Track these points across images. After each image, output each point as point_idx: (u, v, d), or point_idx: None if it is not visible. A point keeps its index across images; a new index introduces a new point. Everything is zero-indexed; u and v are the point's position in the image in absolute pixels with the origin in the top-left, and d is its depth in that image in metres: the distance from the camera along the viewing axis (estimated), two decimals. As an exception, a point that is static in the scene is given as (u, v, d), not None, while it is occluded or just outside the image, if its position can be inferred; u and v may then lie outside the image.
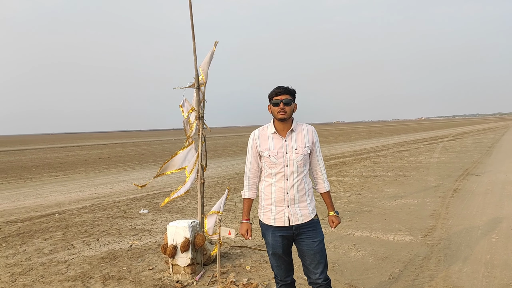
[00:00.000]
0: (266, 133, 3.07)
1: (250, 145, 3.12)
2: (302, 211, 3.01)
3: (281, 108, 2.95)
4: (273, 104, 3.00)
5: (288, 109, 2.96)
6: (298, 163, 2.97)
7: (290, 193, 2.98)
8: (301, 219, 3.00)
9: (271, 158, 2.99)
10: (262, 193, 3.12)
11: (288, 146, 2.99)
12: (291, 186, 2.97)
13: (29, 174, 18.15)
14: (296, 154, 2.98)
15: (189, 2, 5.01)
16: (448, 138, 33.06)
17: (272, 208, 3.03)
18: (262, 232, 3.16)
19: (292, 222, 2.99)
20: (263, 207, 3.10)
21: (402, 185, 10.70)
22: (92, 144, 53.39)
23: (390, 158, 18.24)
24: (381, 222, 6.99)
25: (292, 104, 3.00)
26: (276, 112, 2.97)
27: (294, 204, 3.00)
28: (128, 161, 23.40)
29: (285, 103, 2.96)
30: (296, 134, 3.03)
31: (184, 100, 5.12)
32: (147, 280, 4.69)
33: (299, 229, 3.02)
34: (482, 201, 8.25)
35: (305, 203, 3.02)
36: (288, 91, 2.99)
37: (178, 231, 4.66)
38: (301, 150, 2.99)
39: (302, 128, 3.07)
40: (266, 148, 3.02)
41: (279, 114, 2.95)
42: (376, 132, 56.53)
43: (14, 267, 5.35)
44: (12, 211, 9.43)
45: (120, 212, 8.79)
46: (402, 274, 4.64)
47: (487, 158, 16.34)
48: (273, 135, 3.03)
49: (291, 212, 2.99)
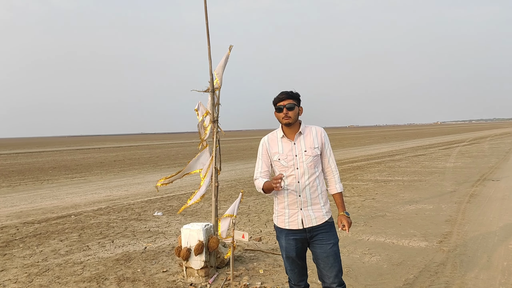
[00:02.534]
0: (275, 138, 3.10)
1: (260, 150, 3.15)
2: (315, 213, 3.00)
3: (285, 113, 2.98)
4: (277, 110, 3.03)
5: (292, 113, 2.98)
6: (308, 164, 2.98)
7: (302, 195, 2.98)
8: (315, 221, 3.00)
9: (281, 161, 3.01)
10: (275, 197, 3.12)
11: (297, 148, 3.01)
12: (303, 188, 2.98)
13: (46, 176, 18.43)
14: (305, 156, 2.99)
15: (204, 7, 5.06)
16: (465, 142, 32.61)
17: (285, 212, 3.04)
18: (277, 236, 3.17)
19: (306, 224, 2.99)
20: (277, 211, 3.11)
21: (417, 190, 10.59)
22: (108, 146, 53.96)
23: (405, 163, 18.06)
24: (395, 227, 6.93)
25: (296, 108, 3.01)
26: (281, 118, 3.01)
27: (307, 207, 2.99)
28: (143, 164, 23.59)
29: (288, 108, 2.98)
30: (304, 136, 3.04)
31: (199, 104, 5.17)
32: (161, 282, 4.72)
33: (312, 231, 3.01)
34: (499, 207, 8.11)
35: (318, 205, 3.01)
36: (291, 96, 3.01)
37: (192, 233, 4.68)
38: (310, 152, 3.00)
39: (310, 130, 3.09)
40: (276, 152, 3.05)
41: (284, 119, 2.99)
42: (391, 136, 56.05)
43: (31, 268, 5.44)
44: (29, 212, 9.59)
45: (135, 214, 8.87)
46: (417, 280, 4.59)
47: (504, 164, 16.07)
48: (282, 139, 3.06)
49: (304, 214, 2.99)
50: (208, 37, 5.10)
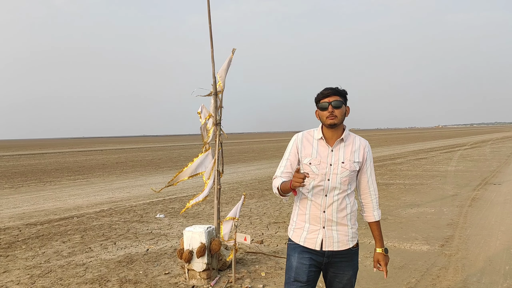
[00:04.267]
0: (311, 138, 2.61)
1: (290, 148, 2.65)
2: (340, 236, 2.53)
3: (330, 111, 2.49)
4: (320, 108, 2.54)
5: (338, 112, 2.50)
6: (343, 179, 2.50)
7: (327, 212, 2.51)
8: (337, 245, 2.53)
9: (312, 167, 2.53)
10: (296, 206, 2.65)
11: (334, 157, 2.53)
12: (330, 204, 2.51)
13: (48, 178, 18.47)
14: (341, 168, 2.50)
15: (208, 10, 5.09)
16: (466, 146, 32.58)
17: (305, 226, 2.57)
18: (288, 254, 2.66)
19: (326, 247, 2.52)
20: (295, 222, 2.63)
21: (418, 194, 10.59)
22: (110, 148, 54.04)
23: (407, 166, 18.05)
24: (397, 230, 6.93)
25: (343, 106, 2.53)
26: (325, 117, 2.50)
27: (332, 226, 2.53)
28: (145, 166, 23.63)
29: (334, 106, 2.50)
30: (346, 146, 2.56)
31: (202, 107, 5.19)
32: (163, 284, 4.74)
33: (331, 257, 2.54)
34: (501, 211, 8.11)
35: (345, 227, 2.55)
36: (337, 92, 2.54)
37: (194, 236, 4.70)
38: (348, 165, 2.52)
39: (353, 140, 2.60)
40: (308, 154, 2.56)
41: (329, 119, 2.49)
42: (392, 140, 56.00)
43: (33, 269, 5.46)
44: (32, 214, 9.62)
45: (137, 216, 8.89)
46: (419, 283, 4.60)
47: (506, 167, 16.05)
48: (319, 141, 2.58)
49: (326, 234, 2.52)
50: (211, 40, 5.12)
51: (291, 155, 2.62)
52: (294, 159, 2.61)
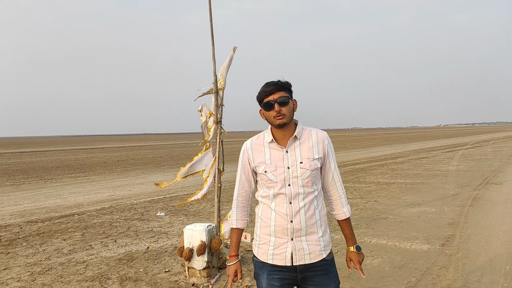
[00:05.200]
0: (261, 143, 2.33)
1: (241, 159, 2.39)
2: (310, 247, 2.24)
3: (277, 111, 2.21)
4: (264, 107, 2.25)
5: (286, 110, 2.21)
6: (304, 181, 2.22)
7: (295, 221, 2.21)
8: (309, 257, 2.23)
9: (269, 175, 2.25)
10: (259, 218, 2.35)
11: (291, 158, 2.24)
12: (296, 212, 2.21)
13: (49, 175, 18.49)
14: (301, 170, 2.22)
15: (209, 8, 5.08)
16: (467, 146, 32.52)
17: (270, 240, 2.27)
18: (255, 273, 2.36)
19: (297, 261, 2.22)
20: (259, 237, 2.32)
21: (419, 193, 10.57)
22: (111, 146, 54.08)
23: (408, 165, 18.03)
24: (398, 229, 6.92)
25: (290, 102, 2.24)
26: (272, 117, 2.23)
27: (301, 236, 2.23)
28: (146, 164, 23.64)
29: (280, 103, 2.21)
30: (301, 143, 2.27)
31: (203, 105, 5.19)
32: (163, 282, 4.74)
33: (305, 271, 2.25)
34: (502, 211, 8.10)
35: (315, 236, 2.26)
36: (281, 87, 2.24)
37: (194, 234, 4.70)
38: (307, 164, 2.23)
39: (309, 135, 2.31)
40: (262, 162, 2.28)
41: (277, 119, 2.21)
42: (393, 139, 55.95)
43: (33, 266, 5.47)
44: (33, 211, 9.63)
45: (138, 214, 8.90)
46: (419, 283, 4.59)
47: (507, 167, 16.02)
48: (271, 145, 2.29)
49: (296, 247, 2.22)
50: (212, 38, 5.12)
51: (244, 169, 2.38)
52: (247, 171, 2.37)
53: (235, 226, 2.42)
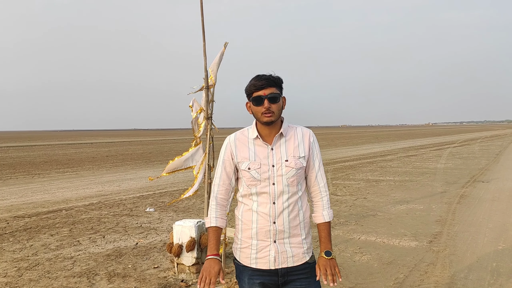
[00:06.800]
0: (245, 139, 2.23)
1: (222, 154, 2.27)
2: (294, 250, 2.16)
3: (267, 107, 2.10)
4: (253, 102, 2.13)
5: (275, 107, 2.11)
6: (289, 180, 2.13)
7: (278, 222, 2.12)
8: (291, 260, 2.15)
9: (252, 172, 2.15)
10: (239, 221, 2.24)
11: (276, 156, 2.15)
12: (280, 212, 2.12)
13: (37, 170, 18.29)
14: (286, 168, 2.13)
15: (200, 4, 5.04)
16: (455, 144, 32.87)
17: (252, 243, 2.17)
18: (237, 276, 2.29)
19: (279, 263, 2.13)
20: (241, 240, 2.23)
21: (408, 190, 10.66)
22: (100, 141, 53.67)
23: (397, 163, 18.17)
24: (386, 226, 6.97)
25: (280, 99, 2.14)
26: (260, 113, 2.12)
27: (284, 239, 2.14)
28: (135, 160, 23.50)
29: (270, 99, 2.10)
30: (286, 141, 2.19)
31: (193, 100, 5.15)
32: (152, 278, 4.72)
33: (287, 275, 2.16)
34: (489, 208, 8.20)
35: (298, 238, 2.17)
36: (273, 83, 2.12)
37: (184, 230, 4.68)
38: (293, 163, 2.14)
39: (295, 133, 2.22)
40: (245, 158, 2.18)
41: (265, 116, 2.11)
42: (383, 137, 56.34)
43: (20, 262, 5.41)
44: (20, 206, 9.52)
45: (127, 210, 8.85)
46: (407, 279, 4.63)
47: (494, 165, 16.23)
48: (255, 141, 2.19)
49: (279, 249, 2.13)
50: (203, 34, 5.08)
51: (225, 163, 2.24)
52: (229, 166, 2.24)
53: (214, 224, 2.22)
